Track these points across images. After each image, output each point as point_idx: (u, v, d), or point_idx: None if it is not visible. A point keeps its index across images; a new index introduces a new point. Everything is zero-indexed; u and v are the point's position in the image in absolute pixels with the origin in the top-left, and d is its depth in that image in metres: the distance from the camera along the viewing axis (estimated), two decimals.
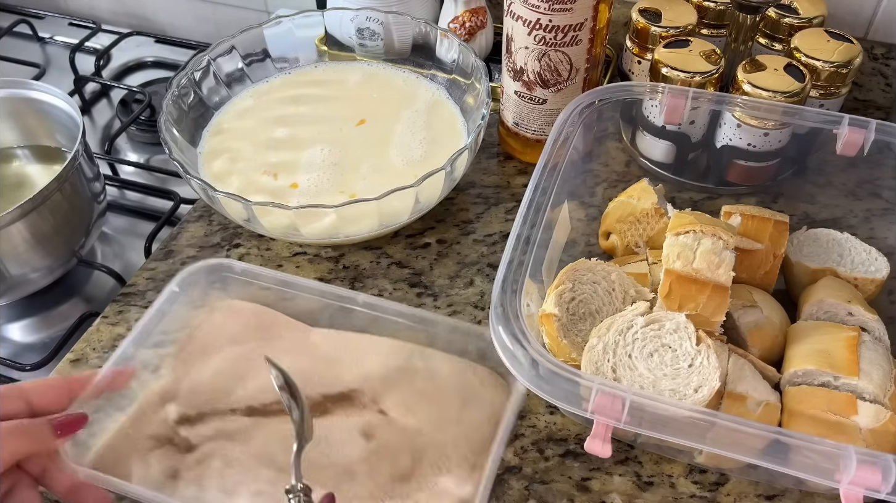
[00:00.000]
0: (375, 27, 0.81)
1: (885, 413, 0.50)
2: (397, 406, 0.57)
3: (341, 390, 0.59)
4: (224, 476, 0.54)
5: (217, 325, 0.62)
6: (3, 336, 0.76)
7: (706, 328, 0.52)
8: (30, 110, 0.80)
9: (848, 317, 0.58)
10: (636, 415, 0.46)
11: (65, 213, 0.73)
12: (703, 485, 0.56)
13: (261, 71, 0.82)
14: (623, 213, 0.65)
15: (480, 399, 0.58)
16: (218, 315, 0.63)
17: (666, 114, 0.65)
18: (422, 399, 0.57)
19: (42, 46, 1.13)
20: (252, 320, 0.63)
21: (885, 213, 0.67)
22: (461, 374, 0.59)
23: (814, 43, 0.72)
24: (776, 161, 0.71)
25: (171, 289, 0.61)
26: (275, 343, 0.62)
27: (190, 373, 0.60)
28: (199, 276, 0.62)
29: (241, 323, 0.63)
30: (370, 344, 0.61)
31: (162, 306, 0.60)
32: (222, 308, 0.64)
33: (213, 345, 0.61)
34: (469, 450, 0.55)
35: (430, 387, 0.58)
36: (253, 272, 0.63)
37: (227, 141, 0.76)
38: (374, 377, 0.59)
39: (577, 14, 0.66)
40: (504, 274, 0.52)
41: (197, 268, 0.62)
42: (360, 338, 0.62)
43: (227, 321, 0.63)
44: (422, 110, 0.78)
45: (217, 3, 1.14)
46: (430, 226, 0.74)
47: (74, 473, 0.51)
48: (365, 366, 0.60)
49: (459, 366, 0.59)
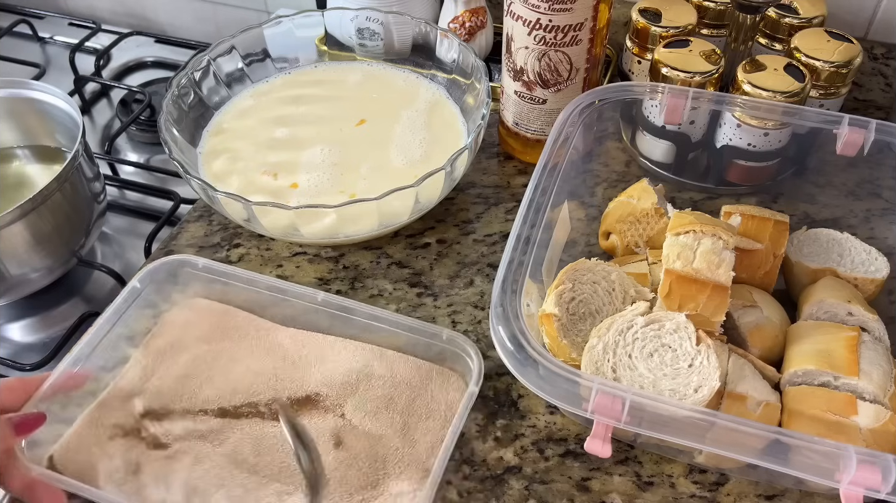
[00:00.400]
0: (375, 27, 0.81)
1: (885, 413, 0.50)
2: (357, 411, 0.58)
3: (307, 393, 0.59)
4: (194, 474, 0.54)
5: (183, 323, 0.63)
6: (3, 336, 0.76)
7: (706, 328, 0.52)
8: (30, 110, 0.80)
9: (848, 317, 0.58)
10: (636, 415, 0.46)
11: (65, 213, 0.73)
12: (703, 485, 0.56)
13: (261, 71, 0.82)
14: (623, 213, 0.65)
15: (440, 402, 0.58)
16: (184, 312, 0.64)
17: (666, 114, 0.65)
18: (381, 404, 0.58)
19: (42, 46, 1.13)
20: (218, 319, 0.63)
21: (885, 213, 0.67)
22: (420, 378, 0.59)
23: (814, 43, 0.72)
24: (776, 161, 0.71)
25: (132, 285, 0.61)
26: (241, 342, 0.62)
27: (157, 371, 0.60)
28: (161, 273, 0.63)
29: (208, 321, 0.63)
30: (333, 345, 0.62)
31: (122, 304, 0.60)
32: (188, 306, 0.64)
33: (179, 343, 0.62)
34: (426, 454, 0.55)
35: (389, 392, 0.59)
36: (215, 269, 0.63)
37: (227, 141, 0.76)
38: (336, 382, 0.59)
39: (577, 14, 0.66)
40: (504, 274, 0.52)
41: (159, 265, 0.63)
42: (325, 339, 0.62)
43: (194, 319, 0.63)
44: (422, 110, 0.78)
45: (217, 3, 1.14)
46: (430, 226, 0.74)
47: (29, 472, 0.51)
48: (328, 368, 0.60)
49: (419, 368, 0.60)
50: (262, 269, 0.71)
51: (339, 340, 0.62)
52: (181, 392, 0.59)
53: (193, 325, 0.63)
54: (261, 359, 0.61)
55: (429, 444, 0.56)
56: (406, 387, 0.59)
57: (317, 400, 0.59)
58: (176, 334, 0.62)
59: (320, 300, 0.61)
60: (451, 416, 0.57)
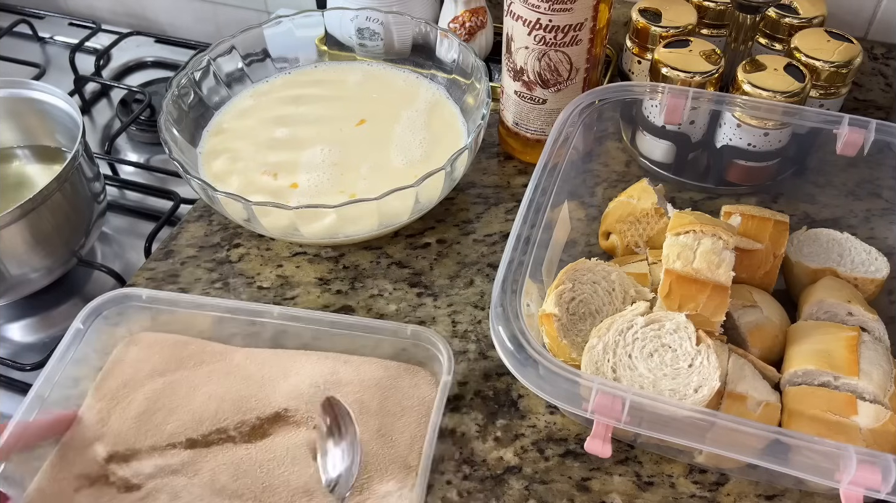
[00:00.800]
0: (375, 27, 0.81)
1: (885, 413, 0.50)
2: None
3: (275, 410, 0.58)
4: None
5: (135, 360, 0.61)
6: (3, 336, 0.76)
7: (706, 328, 0.52)
8: (30, 110, 0.80)
9: (848, 317, 0.58)
10: (636, 415, 0.46)
11: (65, 213, 0.73)
12: (703, 485, 0.56)
13: (261, 71, 0.82)
14: (623, 213, 0.65)
15: (411, 398, 0.58)
16: (134, 349, 0.62)
17: (666, 114, 0.65)
18: (353, 409, 0.57)
19: (42, 46, 1.13)
20: (171, 350, 0.62)
21: (885, 213, 0.67)
22: (390, 378, 0.59)
23: (814, 43, 0.72)
24: (776, 161, 0.71)
25: (76, 326, 0.59)
26: (198, 369, 0.61)
27: (113, 412, 0.58)
28: (105, 309, 0.61)
29: (160, 354, 0.61)
30: (294, 359, 0.61)
31: (68, 347, 0.58)
32: (137, 341, 0.62)
33: (134, 380, 0.60)
34: (406, 451, 0.55)
35: (359, 396, 0.58)
36: (160, 298, 0.61)
37: (227, 141, 0.76)
38: (303, 394, 0.58)
39: (577, 14, 0.66)
40: (504, 274, 0.52)
41: (100, 302, 0.60)
42: (285, 353, 0.61)
43: (145, 354, 0.61)
44: (422, 110, 0.78)
45: (217, 3, 1.14)
46: (430, 226, 0.74)
47: None
48: (292, 382, 0.59)
49: (386, 368, 0.60)
50: (262, 269, 0.71)
51: (301, 353, 0.61)
52: (144, 429, 0.57)
53: (144, 360, 0.61)
54: (221, 384, 0.59)
55: (408, 441, 0.56)
56: (376, 388, 0.58)
57: (286, 416, 0.58)
58: (127, 372, 0.60)
59: (276, 314, 0.60)
60: (425, 411, 0.57)
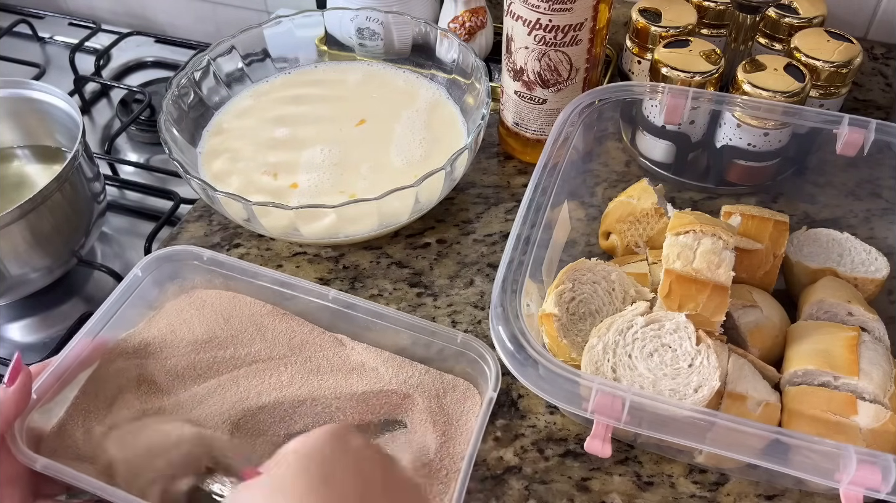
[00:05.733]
0: (375, 27, 0.81)
1: (885, 413, 0.50)
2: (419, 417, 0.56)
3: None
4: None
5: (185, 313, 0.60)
6: (3, 336, 0.76)
7: (706, 328, 0.52)
8: (30, 110, 0.80)
9: (848, 317, 0.58)
10: (636, 415, 0.46)
11: (65, 213, 0.73)
12: (703, 485, 0.56)
13: (261, 71, 0.82)
14: (623, 212, 0.65)
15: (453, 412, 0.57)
16: (186, 300, 0.61)
17: (666, 114, 0.65)
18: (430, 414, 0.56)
19: (42, 46, 1.13)
20: (226, 306, 0.61)
21: (885, 213, 0.67)
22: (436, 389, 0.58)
23: (814, 43, 0.72)
24: (776, 161, 0.71)
25: (135, 272, 0.59)
26: (305, 353, 0.60)
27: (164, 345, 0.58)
28: (164, 261, 0.61)
29: (213, 309, 0.61)
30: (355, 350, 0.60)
31: (124, 292, 0.58)
32: (192, 296, 0.61)
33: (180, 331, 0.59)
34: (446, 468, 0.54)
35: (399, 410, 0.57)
36: (220, 261, 0.61)
37: (227, 141, 0.76)
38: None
39: (577, 14, 0.66)
40: (504, 274, 0.52)
41: (162, 254, 0.61)
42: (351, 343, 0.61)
43: (196, 310, 0.61)
44: (422, 110, 0.78)
45: (217, 3, 1.14)
46: (430, 226, 0.74)
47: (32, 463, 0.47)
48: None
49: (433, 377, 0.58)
50: None
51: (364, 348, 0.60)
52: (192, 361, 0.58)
53: (196, 316, 0.60)
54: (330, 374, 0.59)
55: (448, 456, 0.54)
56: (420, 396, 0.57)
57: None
58: (175, 322, 0.59)
59: (331, 298, 0.59)
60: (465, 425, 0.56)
